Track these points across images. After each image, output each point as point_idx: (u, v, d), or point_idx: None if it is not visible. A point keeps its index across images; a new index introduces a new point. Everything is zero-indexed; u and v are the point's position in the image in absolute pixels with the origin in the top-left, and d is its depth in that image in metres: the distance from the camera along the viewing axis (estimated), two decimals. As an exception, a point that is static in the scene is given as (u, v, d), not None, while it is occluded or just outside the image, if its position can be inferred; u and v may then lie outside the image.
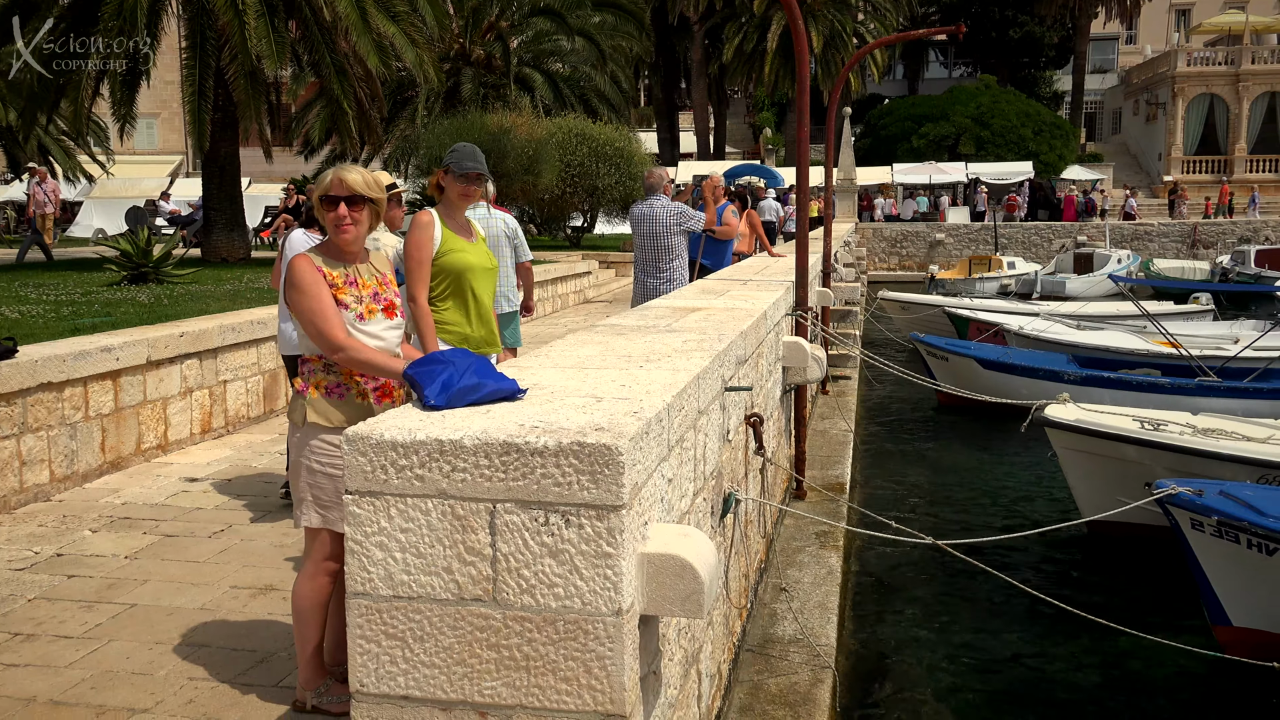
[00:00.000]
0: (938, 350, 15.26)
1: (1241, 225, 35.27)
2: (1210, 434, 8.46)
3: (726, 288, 7.59)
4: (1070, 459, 8.87)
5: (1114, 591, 7.99)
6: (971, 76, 54.00)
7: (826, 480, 8.70)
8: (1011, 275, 28.65)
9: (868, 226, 37.68)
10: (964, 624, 7.46)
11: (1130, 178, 47.85)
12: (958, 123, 42.74)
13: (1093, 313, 19.85)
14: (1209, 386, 12.78)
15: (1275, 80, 46.20)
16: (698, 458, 3.72)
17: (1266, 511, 6.38)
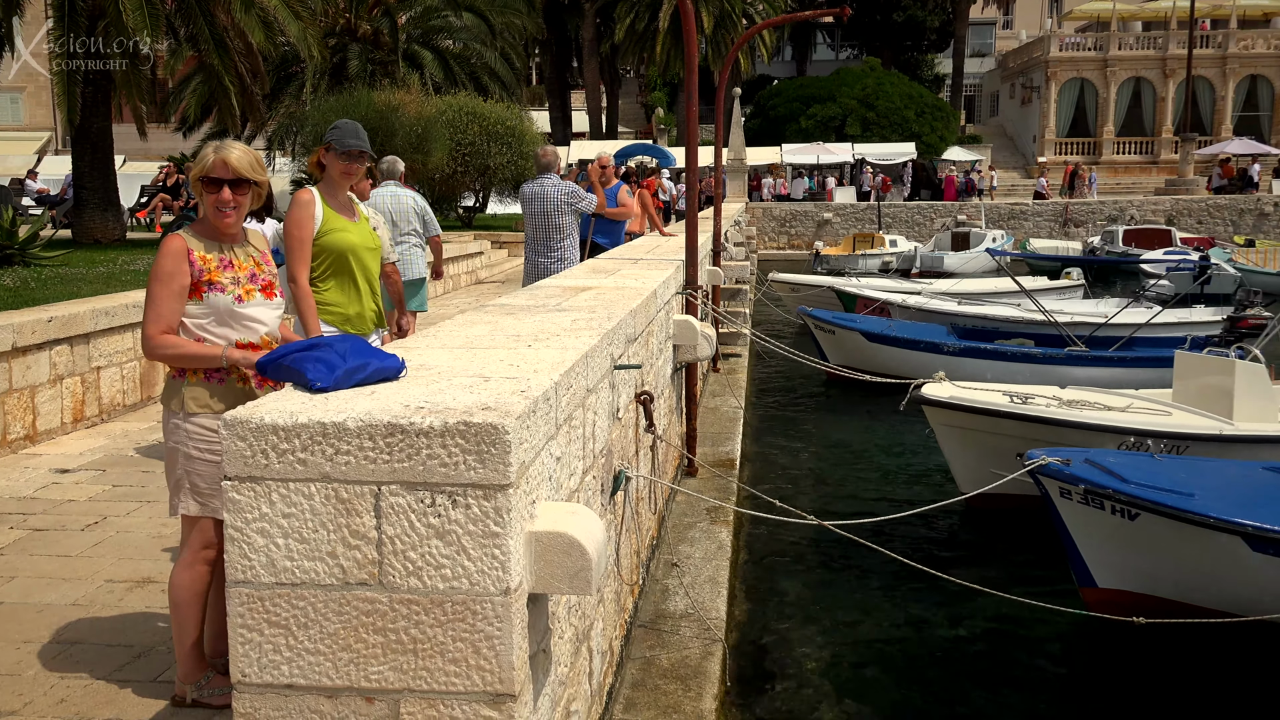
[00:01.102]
0: (825, 324, 15.61)
1: (1110, 205, 36.86)
2: (1075, 405, 8.87)
3: (617, 267, 7.61)
4: (946, 435, 9.17)
5: (991, 560, 8.32)
6: (857, 59, 55.05)
7: (717, 457, 8.82)
8: (893, 252, 29.44)
9: (758, 206, 38.17)
10: (849, 594, 7.67)
11: (1007, 159, 49.52)
12: (844, 104, 43.56)
13: (973, 289, 20.55)
14: (1078, 355, 13.40)
15: (1140, 66, 48.32)
16: (587, 436, 3.73)
17: (1129, 478, 6.72)
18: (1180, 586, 6.67)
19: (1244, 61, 47.97)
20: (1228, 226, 35.78)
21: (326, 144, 4.84)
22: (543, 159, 9.03)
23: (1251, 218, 36.06)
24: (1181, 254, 25.79)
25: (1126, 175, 46.33)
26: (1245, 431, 8.47)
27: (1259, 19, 50.96)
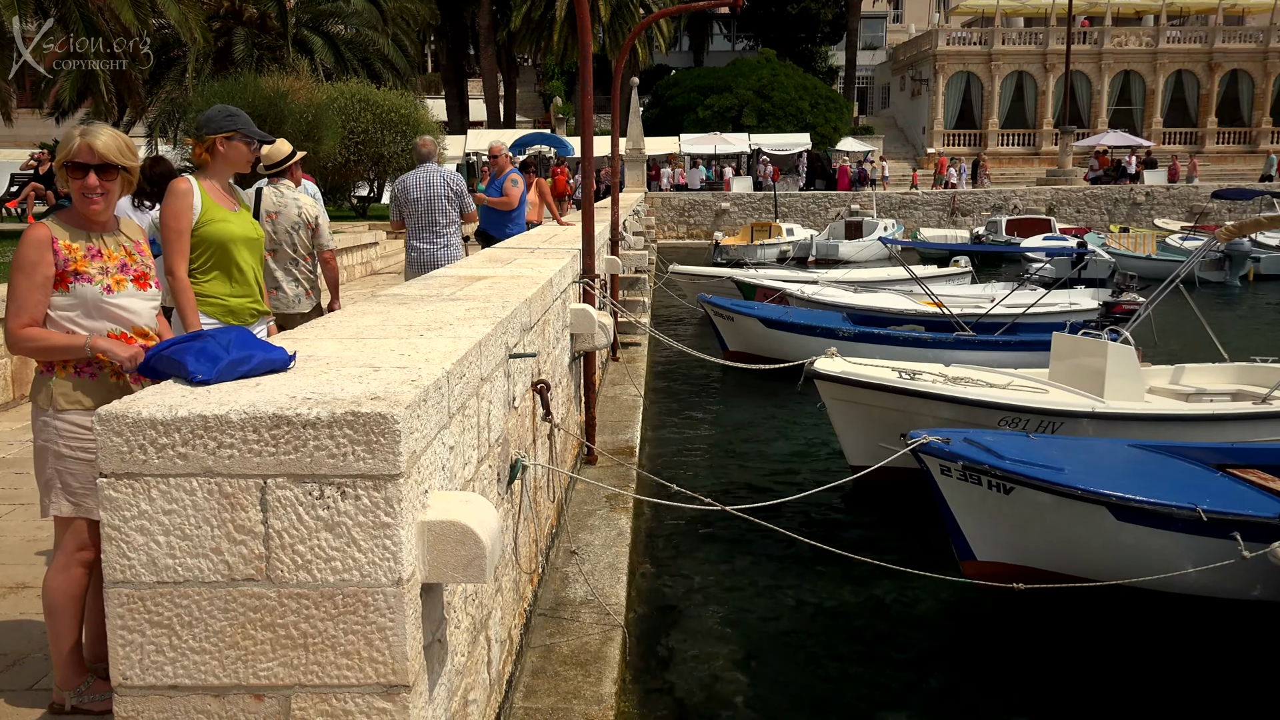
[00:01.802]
0: (724, 311, 15.80)
1: (995, 195, 38.09)
2: (959, 382, 9.18)
3: (513, 256, 7.57)
4: (837, 409, 9.42)
5: (880, 534, 8.55)
6: (753, 50, 55.64)
7: (617, 445, 8.85)
8: (789, 241, 29.92)
9: (656, 195, 38.33)
10: (748, 574, 7.80)
11: (898, 150, 50.72)
12: (740, 95, 44.01)
13: (867, 277, 21.04)
14: (965, 340, 13.85)
15: (1022, 60, 49.97)
16: (482, 425, 3.71)
17: (1004, 455, 6.99)
18: (1053, 556, 6.97)
19: (1118, 57, 50.02)
20: (1104, 215, 37.32)
21: (227, 131, 4.65)
22: (423, 149, 9.01)
23: (1126, 207, 37.68)
24: (1060, 240, 26.84)
25: (1011, 166, 47.90)
26: (1114, 409, 8.88)
27: (1131, 16, 53.21)
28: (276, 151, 6.80)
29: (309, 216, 6.75)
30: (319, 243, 6.81)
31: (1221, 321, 20.42)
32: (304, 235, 6.74)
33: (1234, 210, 33.79)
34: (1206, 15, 51.88)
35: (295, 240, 6.71)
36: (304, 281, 6.80)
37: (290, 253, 6.71)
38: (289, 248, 6.70)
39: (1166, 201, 37.99)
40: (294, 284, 6.75)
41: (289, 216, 6.68)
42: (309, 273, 6.86)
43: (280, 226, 6.66)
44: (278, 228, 6.65)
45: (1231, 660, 6.57)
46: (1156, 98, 50.11)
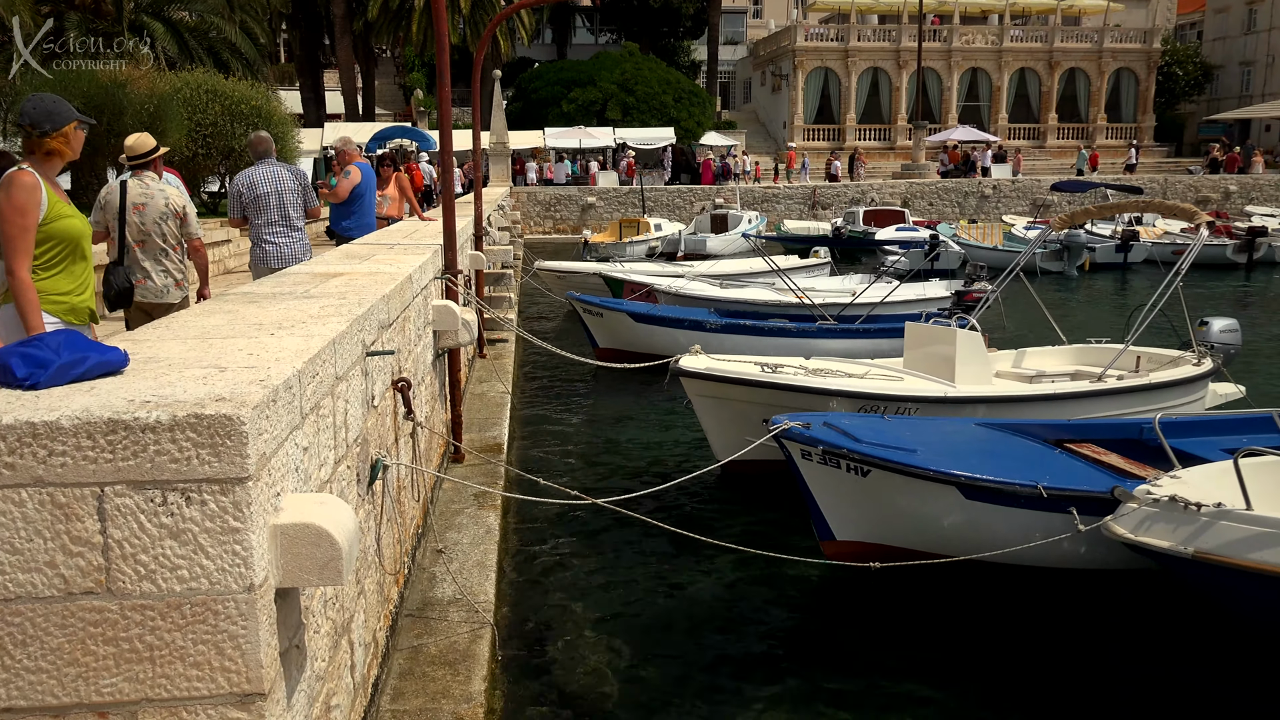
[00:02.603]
0: (593, 307, 15.82)
1: (853, 188, 39.25)
2: (819, 373, 9.45)
3: (371, 252, 7.42)
4: (703, 405, 9.55)
5: (746, 522, 8.72)
6: (617, 44, 55.78)
7: (485, 442, 8.79)
8: (658, 237, 30.17)
9: (522, 190, 38.10)
10: (618, 566, 7.85)
11: (760, 144, 51.66)
12: (604, 88, 44.08)
13: (732, 270, 21.40)
14: (828, 330, 14.27)
15: (877, 57, 51.54)
16: (338, 425, 3.64)
17: (861, 438, 7.24)
18: (908, 534, 7.25)
19: (966, 55, 52.11)
20: (955, 208, 38.91)
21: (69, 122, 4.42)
22: (260, 146, 8.86)
23: (975, 199, 39.35)
24: (911, 231, 27.88)
25: (868, 160, 49.34)
26: (964, 393, 9.28)
27: (978, 15, 55.46)
28: (141, 144, 7.03)
29: (177, 206, 6.98)
30: (188, 231, 7.07)
31: (1061, 307, 21.56)
32: (173, 225, 6.96)
33: (1073, 202, 35.67)
34: (1046, 15, 54.52)
35: (164, 230, 6.93)
36: (174, 272, 7.03)
37: (159, 243, 6.93)
38: (158, 238, 6.92)
39: (1012, 195, 39.82)
40: (163, 274, 6.96)
41: (156, 207, 6.90)
42: (178, 263, 7.08)
43: (148, 217, 6.87)
44: (145, 219, 6.87)
45: (1072, 626, 6.96)
46: (1002, 94, 52.42)
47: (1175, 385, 9.84)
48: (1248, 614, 6.35)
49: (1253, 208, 37.88)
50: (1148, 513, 6.26)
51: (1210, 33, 64.57)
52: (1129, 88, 53.76)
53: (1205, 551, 5.95)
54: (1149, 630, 6.94)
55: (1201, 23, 65.97)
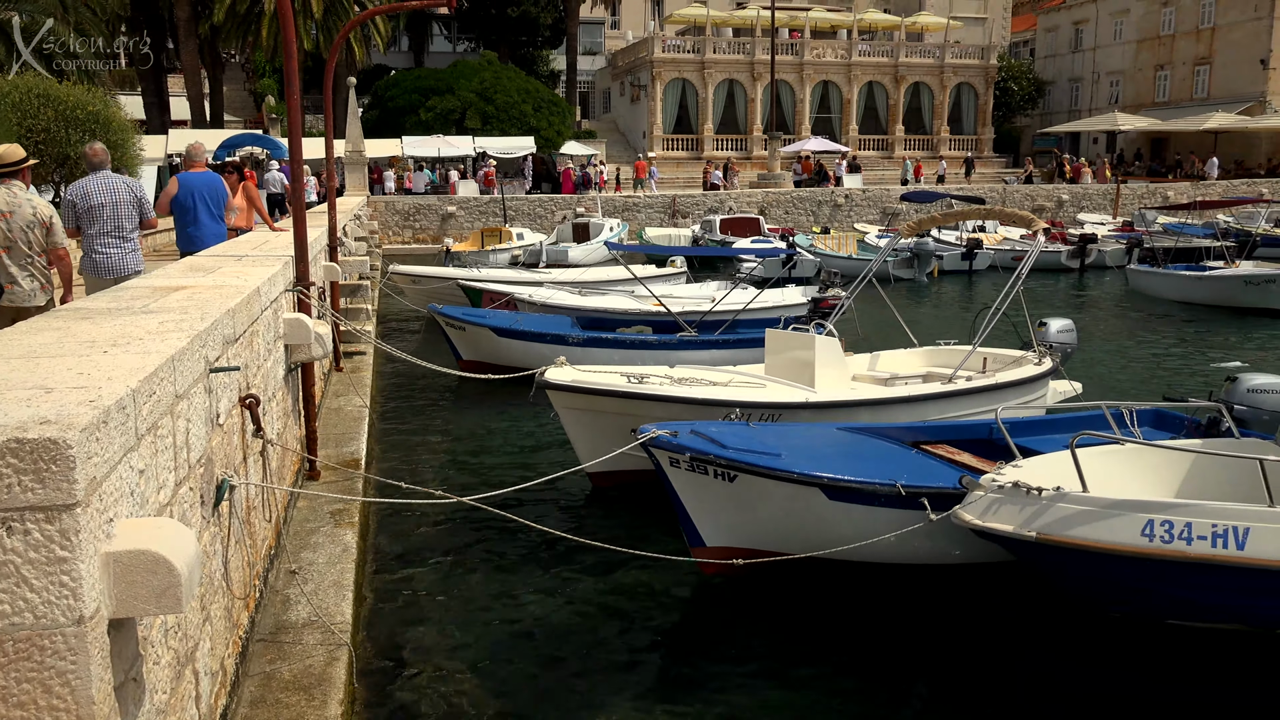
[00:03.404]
0: (455, 320, 15.61)
1: (712, 197, 39.88)
2: (685, 383, 9.56)
3: (218, 264, 7.14)
4: (570, 418, 9.52)
5: (616, 532, 8.73)
6: (475, 52, 55.27)
7: (342, 458, 8.56)
8: (520, 246, 30.01)
9: (380, 199, 37.33)
10: (483, 579, 7.76)
11: (620, 153, 51.99)
12: (463, 97, 43.59)
13: (592, 279, 21.44)
14: (689, 340, 14.44)
15: (732, 69, 52.60)
16: (179, 445, 3.48)
17: (728, 445, 7.36)
18: (775, 537, 7.41)
19: (817, 68, 53.68)
20: (809, 216, 39.95)
21: None
22: (94, 158, 8.68)
23: (828, 208, 40.50)
24: (767, 241, 28.54)
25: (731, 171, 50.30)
26: (824, 398, 9.55)
27: (828, 31, 57.23)
28: (11, 153, 7.38)
29: (44, 215, 7.31)
30: (53, 240, 7.38)
31: (913, 311, 22.42)
32: (39, 233, 7.27)
33: (921, 211, 37.13)
34: (892, 32, 56.64)
35: (30, 238, 7.24)
36: (39, 276, 7.35)
37: (25, 249, 7.23)
38: (24, 245, 7.22)
39: (864, 204, 41.16)
40: (30, 279, 7.28)
41: (24, 215, 7.21)
42: (44, 268, 7.39)
43: (15, 225, 7.16)
44: (13, 226, 7.15)
45: (933, 617, 7.22)
46: (852, 106, 54.18)
47: (1019, 384, 10.35)
48: (1089, 591, 6.73)
49: (1084, 215, 40.20)
50: (993, 499, 6.57)
51: (1042, 50, 68.33)
52: (969, 101, 56.35)
53: (1047, 533, 6.28)
54: (1006, 618, 7.26)
55: (1034, 41, 69.73)
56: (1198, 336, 19.60)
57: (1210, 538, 6.03)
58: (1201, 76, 56.74)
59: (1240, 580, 6.10)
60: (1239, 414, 8.61)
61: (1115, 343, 19.00)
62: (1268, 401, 8.73)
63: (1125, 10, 61.41)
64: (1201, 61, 56.66)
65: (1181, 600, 6.43)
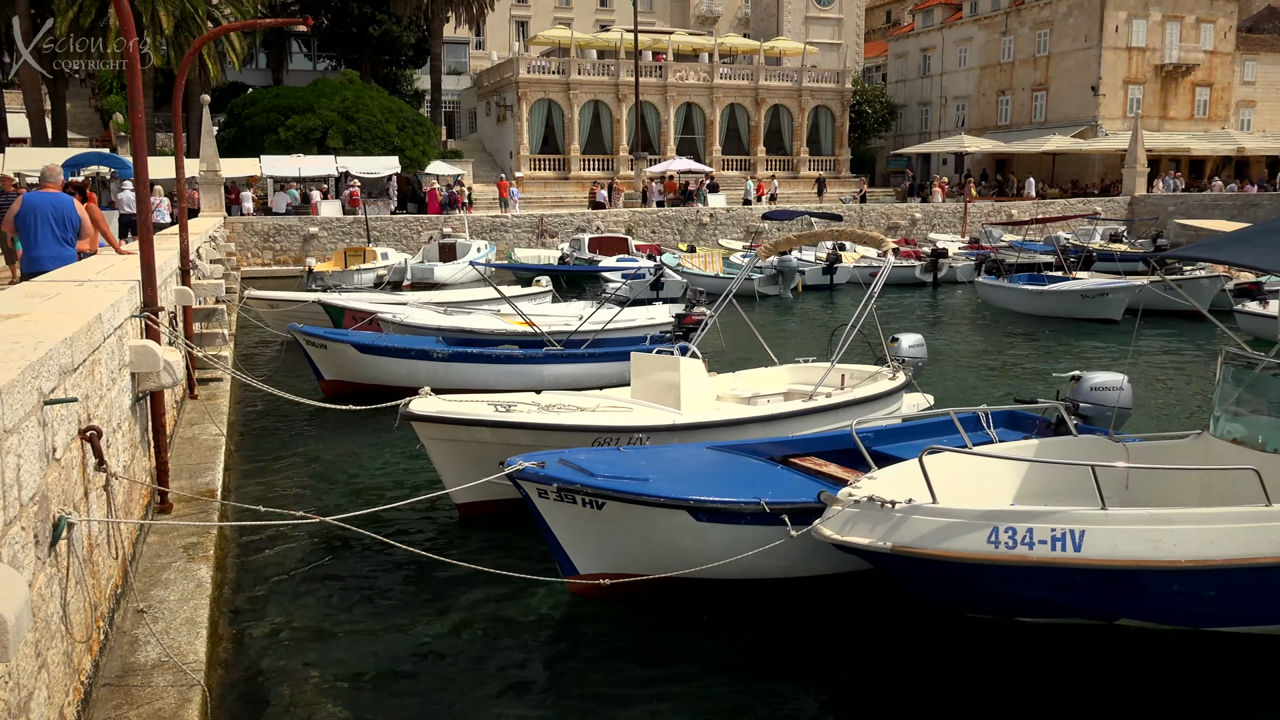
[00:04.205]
0: (316, 339, 15.22)
1: (579, 217, 40.01)
2: (552, 409, 9.53)
3: (57, 290, 6.81)
4: (436, 448, 9.32)
5: (488, 555, 8.63)
6: (336, 70, 54.17)
7: (196, 489, 8.24)
8: (385, 265, 29.51)
9: (237, 220, 36.15)
10: (349, 609, 7.56)
11: (488, 173, 51.69)
12: (324, 116, 42.63)
13: (458, 299, 21.24)
14: (555, 355, 14.45)
15: (597, 90, 52.99)
16: (8, 483, 3.30)
17: (596, 473, 7.38)
18: (647, 562, 7.45)
19: (680, 90, 54.58)
20: (675, 235, 40.50)
21: None
22: None
23: (694, 227, 41.14)
24: (633, 260, 28.86)
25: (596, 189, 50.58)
26: (690, 419, 9.67)
27: (690, 53, 58.24)
28: None
29: None
30: None
31: (779, 328, 22.98)
32: None
33: (783, 229, 38.06)
34: (751, 55, 58.05)
35: None
36: None
37: None
38: None
39: (728, 222, 41.97)
40: None
41: None
42: None
43: None
44: None
45: (803, 625, 7.38)
46: (715, 128, 55.25)
47: (875, 399, 10.72)
48: (944, 596, 7.00)
49: (935, 234, 41.94)
50: (850, 514, 6.76)
51: (893, 75, 71.16)
52: (827, 123, 58.18)
53: (901, 544, 6.50)
54: (875, 623, 7.48)
55: (886, 66, 72.55)
56: (1041, 344, 20.67)
57: (1050, 541, 6.35)
58: (1039, 101, 60.00)
59: (1079, 579, 6.45)
60: (1084, 411, 9.14)
61: (967, 352, 19.87)
62: (1107, 398, 9.29)
63: (969, 38, 64.51)
64: (1039, 87, 59.92)
65: (1029, 600, 6.75)
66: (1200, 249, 9.48)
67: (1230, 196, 46.65)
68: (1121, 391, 9.18)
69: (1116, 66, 56.36)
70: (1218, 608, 6.52)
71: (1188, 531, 6.32)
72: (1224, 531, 6.31)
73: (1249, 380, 7.64)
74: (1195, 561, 6.25)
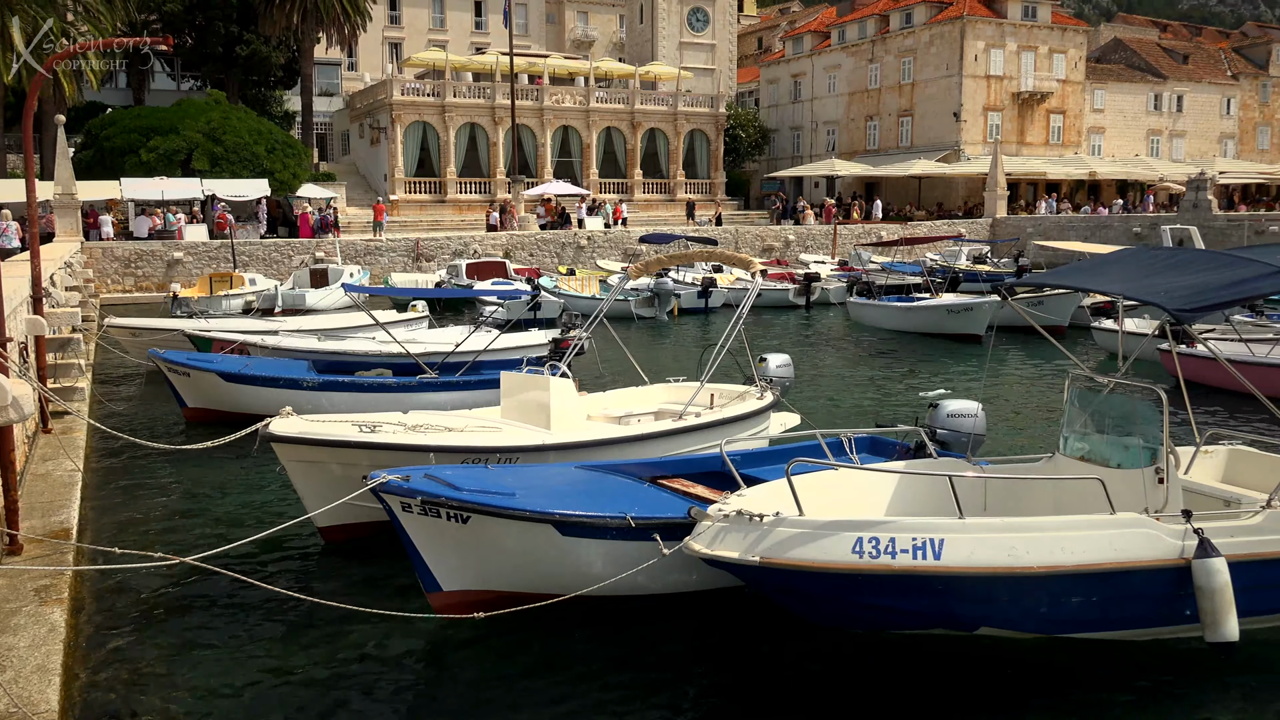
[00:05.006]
0: (179, 366, 14.72)
1: (455, 240, 39.72)
2: (419, 429, 9.47)
3: (-109, 323, 6.48)
4: (299, 472, 9.15)
5: (353, 585, 8.51)
6: (201, 91, 52.58)
7: (50, 528, 7.91)
8: (254, 291, 28.74)
9: (96, 246, 34.69)
10: (215, 648, 7.34)
11: (361, 196, 50.89)
12: (189, 137, 41.31)
13: (331, 325, 20.84)
14: (430, 382, 14.31)
15: (473, 113, 52.79)
16: None
17: (461, 487, 7.39)
18: (513, 576, 7.48)
19: (557, 113, 54.82)
20: (554, 258, 40.60)
21: None
22: None
23: (572, 250, 41.32)
24: (508, 284, 28.83)
25: (470, 212, 50.20)
26: (560, 439, 9.75)
27: (566, 77, 58.58)
28: None
29: None
30: None
31: (654, 349, 23.25)
32: None
33: (660, 251, 38.54)
34: (627, 80, 58.75)
35: None
36: None
37: None
38: None
39: (605, 245, 42.26)
40: None
41: None
42: None
43: None
44: None
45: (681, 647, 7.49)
46: (592, 151, 55.65)
47: (744, 418, 10.97)
48: (811, 607, 7.20)
49: (806, 255, 43.09)
50: (719, 528, 6.92)
51: (765, 100, 72.99)
52: (702, 147, 59.24)
53: (769, 556, 6.68)
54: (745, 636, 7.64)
55: (758, 91, 74.37)
56: (908, 361, 21.45)
57: (911, 550, 6.62)
58: (905, 127, 62.40)
59: (939, 586, 6.73)
60: (941, 437, 9.53)
61: (838, 371, 20.47)
62: (962, 425, 9.69)
63: (837, 65, 66.69)
64: (905, 113, 62.31)
65: (893, 611, 7.00)
66: (1048, 276, 10.04)
67: (1084, 218, 49.30)
68: (976, 418, 9.60)
69: (976, 94, 59.06)
70: (1069, 613, 6.87)
71: (1040, 538, 6.67)
72: (1073, 538, 6.68)
73: (1094, 402, 8.08)
74: (1047, 568, 6.59)
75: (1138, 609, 6.89)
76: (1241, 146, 68.16)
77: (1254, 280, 7.36)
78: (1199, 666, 6.94)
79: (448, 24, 69.85)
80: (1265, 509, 7.07)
